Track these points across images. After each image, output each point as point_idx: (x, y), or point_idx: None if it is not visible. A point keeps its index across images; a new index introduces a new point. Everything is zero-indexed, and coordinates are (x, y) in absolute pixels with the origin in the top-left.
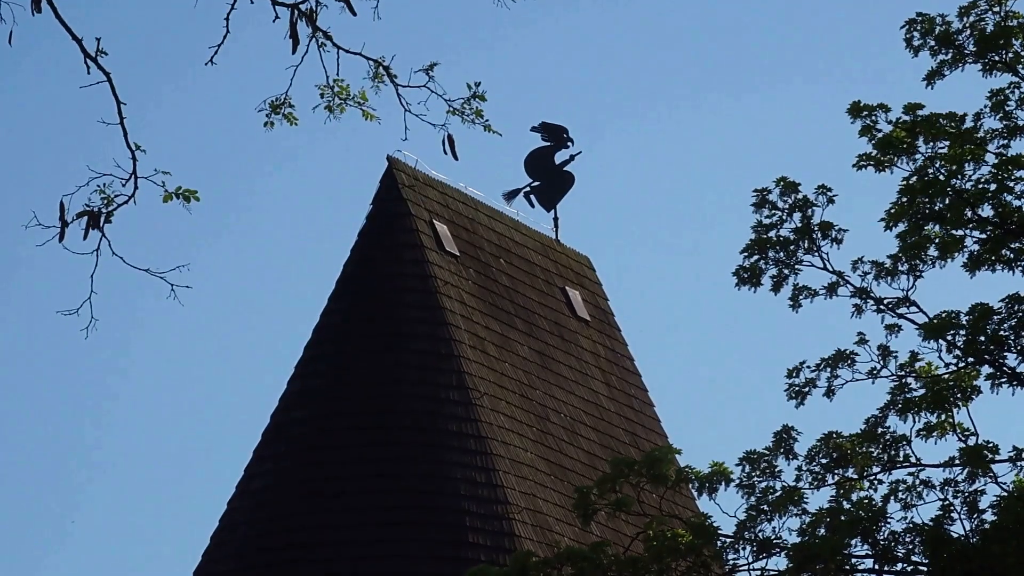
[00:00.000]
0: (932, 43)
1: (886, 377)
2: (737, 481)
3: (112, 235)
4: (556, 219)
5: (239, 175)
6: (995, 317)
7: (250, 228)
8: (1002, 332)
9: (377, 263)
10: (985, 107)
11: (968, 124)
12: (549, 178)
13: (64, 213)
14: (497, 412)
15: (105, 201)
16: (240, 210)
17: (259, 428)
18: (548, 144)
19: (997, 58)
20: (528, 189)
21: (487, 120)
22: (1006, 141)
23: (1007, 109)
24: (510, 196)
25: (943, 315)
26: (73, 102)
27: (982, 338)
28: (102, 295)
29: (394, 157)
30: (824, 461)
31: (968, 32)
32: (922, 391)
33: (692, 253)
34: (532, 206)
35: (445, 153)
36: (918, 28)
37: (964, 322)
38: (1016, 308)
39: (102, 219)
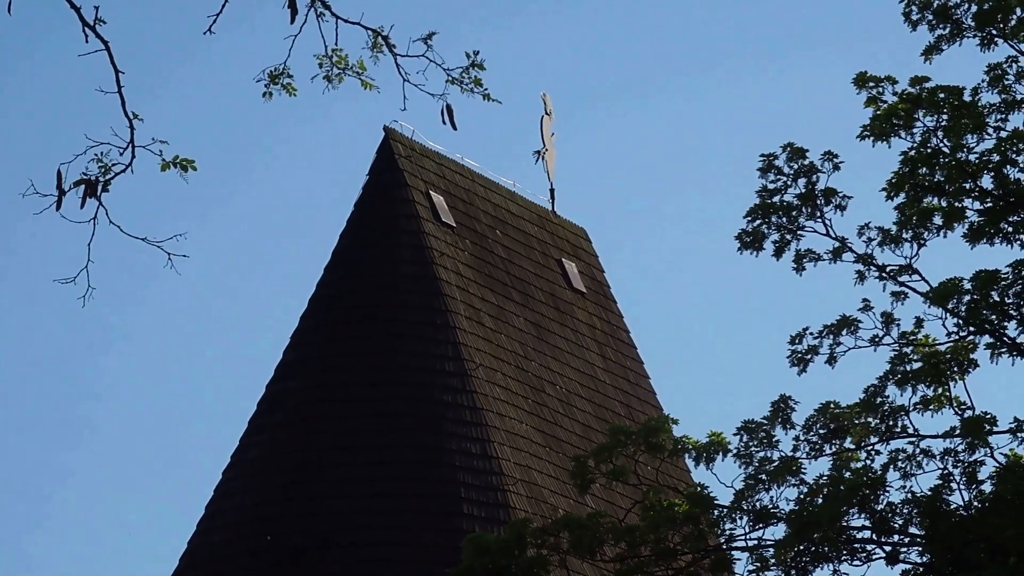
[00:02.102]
0: (930, 17)
1: (888, 345)
2: (735, 451)
3: (109, 204)
4: (552, 190)
5: (237, 145)
6: (1000, 283)
7: (247, 198)
8: (1007, 300)
9: (373, 233)
10: (983, 81)
11: (966, 98)
12: (548, 147)
13: (61, 182)
14: (492, 383)
15: (103, 170)
16: (237, 180)
17: (255, 398)
18: (546, 114)
19: (995, 31)
20: (539, 152)
21: (486, 89)
22: (1004, 115)
23: (1006, 83)
24: (536, 155)
25: (948, 282)
26: (71, 71)
27: (984, 309)
28: (99, 264)
29: (391, 127)
30: (822, 431)
31: (966, 6)
32: (920, 364)
33: (688, 226)
34: (546, 170)
35: (444, 123)
36: (916, 2)
37: (969, 288)
38: (1022, 273)
39: (99, 188)
